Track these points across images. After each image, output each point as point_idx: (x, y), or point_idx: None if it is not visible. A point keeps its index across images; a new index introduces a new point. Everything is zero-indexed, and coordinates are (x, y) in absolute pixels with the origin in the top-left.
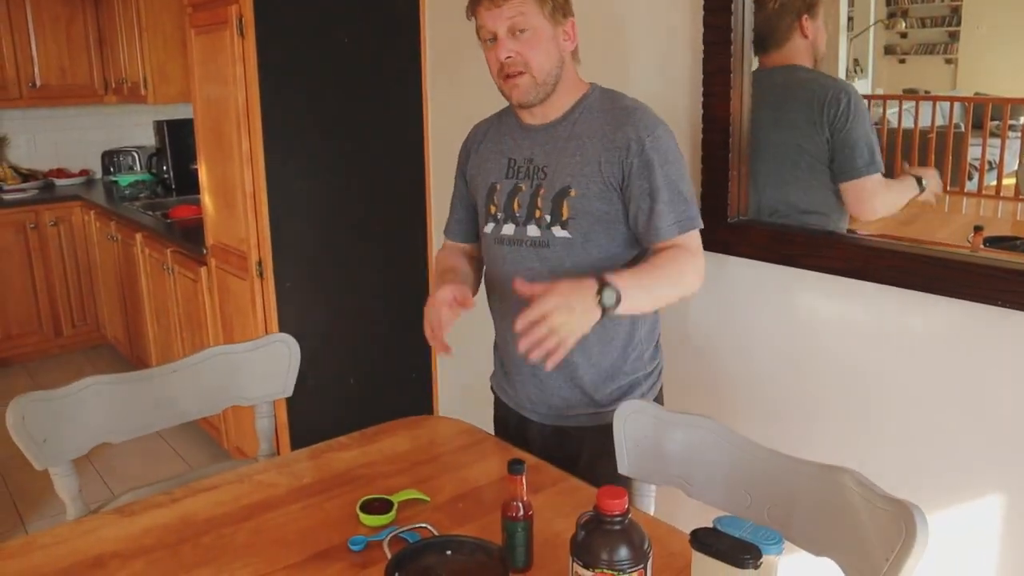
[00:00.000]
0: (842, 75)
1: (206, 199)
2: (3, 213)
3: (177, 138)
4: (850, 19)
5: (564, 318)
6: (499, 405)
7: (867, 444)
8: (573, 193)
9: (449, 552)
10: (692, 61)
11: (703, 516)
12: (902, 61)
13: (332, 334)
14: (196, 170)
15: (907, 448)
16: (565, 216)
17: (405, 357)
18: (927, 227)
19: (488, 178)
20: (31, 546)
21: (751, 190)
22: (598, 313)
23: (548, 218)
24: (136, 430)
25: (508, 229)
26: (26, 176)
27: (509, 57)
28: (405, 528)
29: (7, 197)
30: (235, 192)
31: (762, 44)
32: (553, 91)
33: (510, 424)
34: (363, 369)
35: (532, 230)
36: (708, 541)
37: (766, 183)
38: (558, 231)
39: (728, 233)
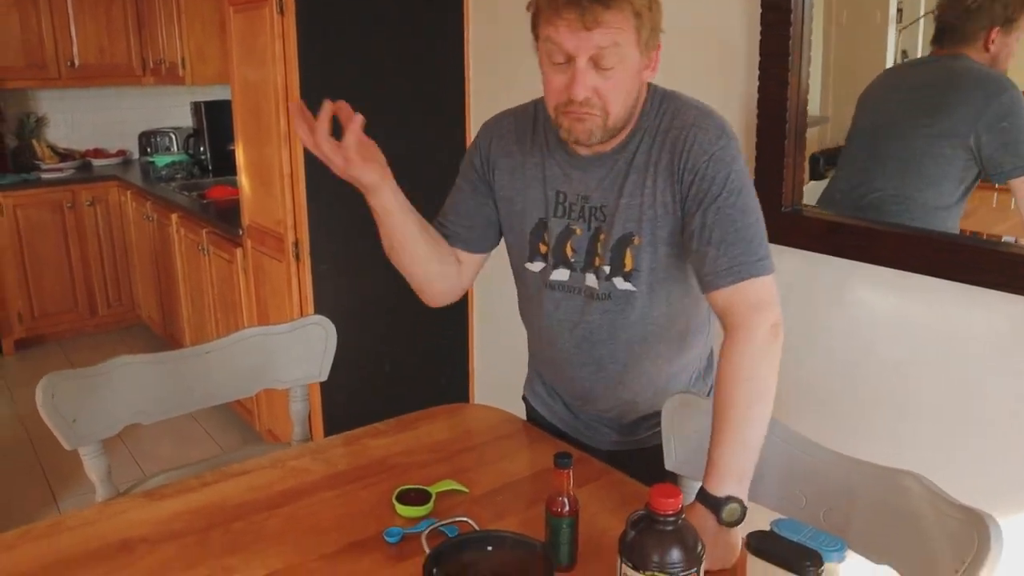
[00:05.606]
0: (890, 65)
1: (243, 180)
2: (40, 192)
3: (214, 119)
4: (899, 10)
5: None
6: (538, 418)
7: (926, 446)
8: (636, 241)
9: (490, 548)
10: (748, 42)
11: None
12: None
13: (368, 317)
14: (233, 151)
15: (973, 453)
16: (628, 267)
17: (442, 343)
18: (983, 220)
19: (533, 210)
20: (58, 528)
21: (853, 171)
22: (731, 530)
23: (608, 269)
24: (167, 411)
25: (561, 274)
26: (64, 156)
27: (587, 98)
28: (444, 522)
29: (45, 176)
30: (272, 173)
31: (939, 37)
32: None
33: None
34: (398, 354)
35: (591, 279)
36: (765, 546)
37: (885, 166)
38: (620, 283)
39: (782, 223)
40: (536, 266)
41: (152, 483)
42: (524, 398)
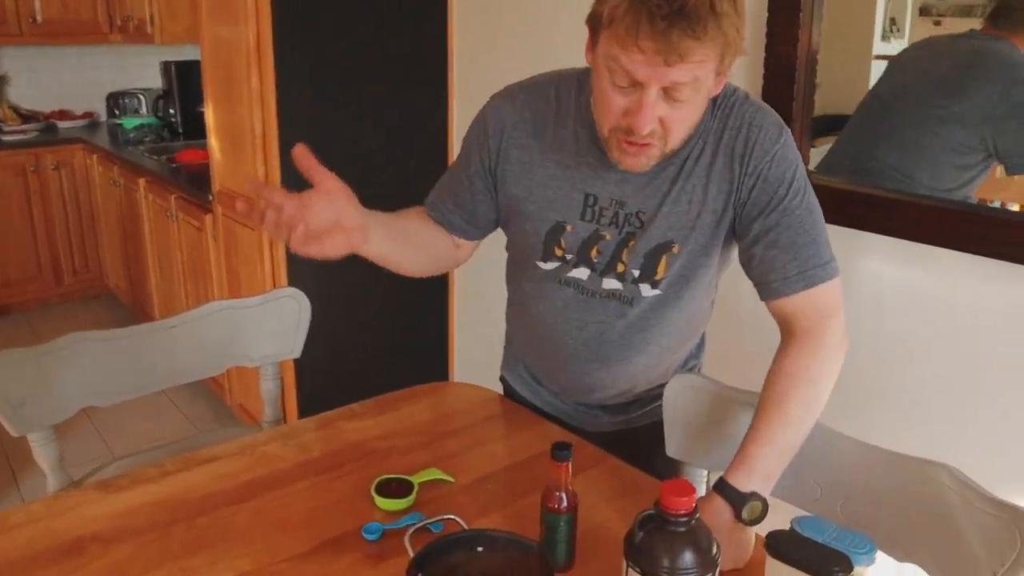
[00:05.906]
0: (878, 35)
1: (213, 142)
2: (2, 155)
3: (185, 79)
4: None
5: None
6: (519, 399)
7: (937, 421)
8: (675, 249)
9: (480, 549)
10: None
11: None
12: (937, 23)
13: (344, 290)
14: (204, 113)
15: (986, 428)
16: (660, 275)
17: (421, 317)
18: (983, 189)
19: (550, 212)
20: (3, 524)
21: (859, 137)
22: (745, 527)
23: (636, 273)
24: (127, 392)
25: (581, 273)
26: (27, 117)
27: (651, 130)
28: (429, 520)
29: (7, 139)
30: (243, 134)
31: (994, 17)
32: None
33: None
34: (376, 329)
35: (608, 283)
36: (787, 547)
37: (889, 138)
38: (647, 289)
39: None
40: (550, 265)
41: (108, 472)
42: (502, 378)
